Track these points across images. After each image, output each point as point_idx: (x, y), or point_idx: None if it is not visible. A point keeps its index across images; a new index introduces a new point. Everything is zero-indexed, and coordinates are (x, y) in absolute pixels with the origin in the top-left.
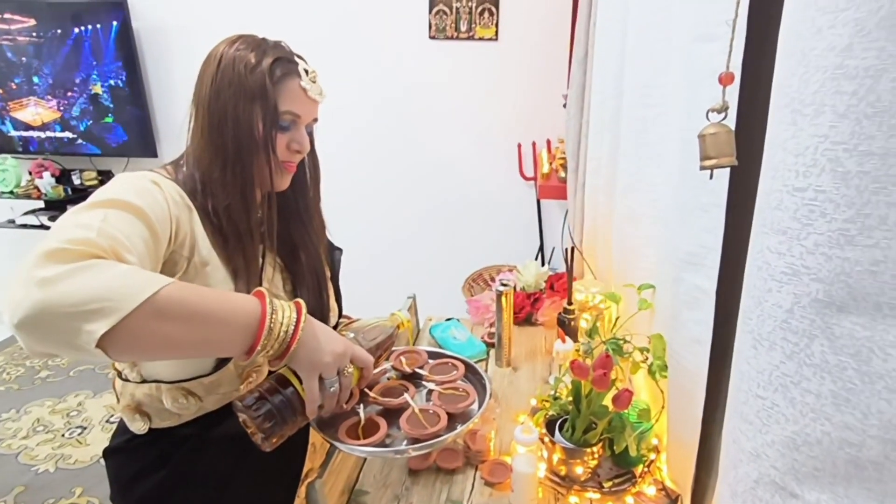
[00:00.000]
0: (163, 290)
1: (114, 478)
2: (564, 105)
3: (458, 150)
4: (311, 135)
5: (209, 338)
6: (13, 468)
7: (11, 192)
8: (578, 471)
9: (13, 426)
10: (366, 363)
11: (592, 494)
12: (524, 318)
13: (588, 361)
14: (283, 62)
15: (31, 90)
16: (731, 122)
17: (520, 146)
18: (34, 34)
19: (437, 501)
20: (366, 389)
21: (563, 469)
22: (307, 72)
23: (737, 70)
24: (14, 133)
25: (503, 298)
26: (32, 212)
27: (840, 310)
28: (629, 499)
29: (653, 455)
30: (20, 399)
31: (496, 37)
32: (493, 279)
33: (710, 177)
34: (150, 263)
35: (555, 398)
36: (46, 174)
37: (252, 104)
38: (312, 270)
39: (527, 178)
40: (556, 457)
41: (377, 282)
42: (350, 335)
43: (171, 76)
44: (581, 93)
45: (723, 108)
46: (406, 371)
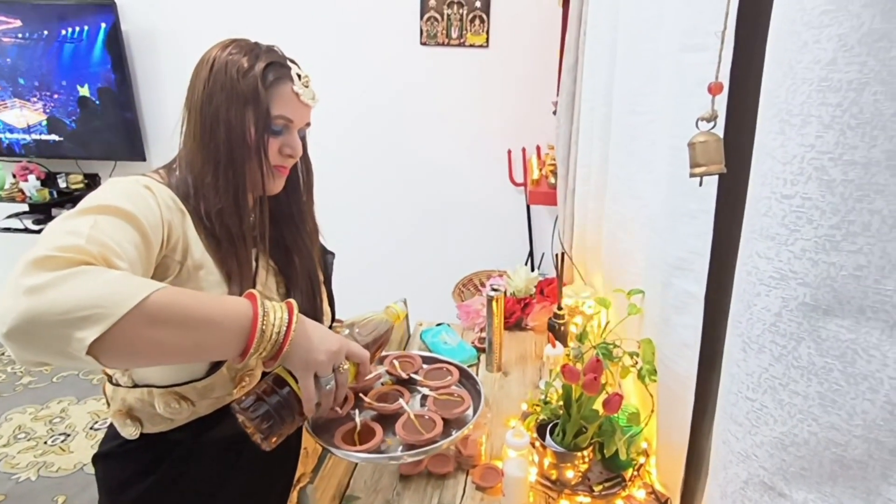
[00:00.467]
0: (153, 296)
1: (102, 484)
2: (554, 112)
3: (449, 156)
4: (304, 139)
5: (201, 342)
6: None
7: None
8: (569, 475)
9: None
10: (362, 359)
11: (583, 498)
12: (514, 323)
13: (578, 366)
14: (276, 66)
15: (17, 91)
16: (720, 131)
17: (510, 152)
18: (19, 35)
19: None
20: (361, 395)
21: (554, 473)
22: (300, 76)
23: (725, 80)
24: None
25: (494, 303)
26: (16, 215)
27: (826, 313)
28: (619, 502)
29: (642, 459)
30: (1, 405)
31: (487, 44)
32: (484, 284)
33: (700, 184)
34: (142, 269)
35: (545, 402)
36: (31, 177)
37: (244, 108)
38: (306, 274)
39: (517, 184)
40: (547, 461)
41: (368, 286)
42: (345, 331)
43: (161, 79)
44: (571, 100)
45: (712, 117)
46: (401, 376)
